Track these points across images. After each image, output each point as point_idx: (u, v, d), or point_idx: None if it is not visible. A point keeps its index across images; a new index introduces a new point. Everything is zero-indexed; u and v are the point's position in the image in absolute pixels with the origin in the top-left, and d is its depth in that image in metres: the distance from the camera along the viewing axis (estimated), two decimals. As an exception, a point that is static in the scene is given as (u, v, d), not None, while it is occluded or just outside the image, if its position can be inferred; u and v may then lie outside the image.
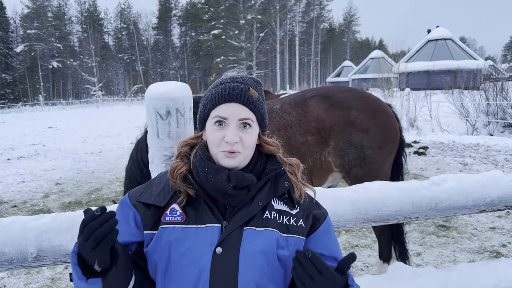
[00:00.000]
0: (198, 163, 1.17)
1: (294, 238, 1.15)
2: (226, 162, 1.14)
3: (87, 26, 68.30)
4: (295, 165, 1.26)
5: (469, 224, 4.84)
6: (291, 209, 1.18)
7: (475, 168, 7.94)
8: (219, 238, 1.09)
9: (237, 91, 1.15)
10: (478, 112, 13.00)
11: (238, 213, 1.12)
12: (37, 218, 1.64)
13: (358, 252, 4.09)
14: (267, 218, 1.14)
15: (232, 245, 1.09)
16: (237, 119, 1.15)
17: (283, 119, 2.99)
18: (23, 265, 1.59)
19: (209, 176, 1.13)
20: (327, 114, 2.94)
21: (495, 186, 2.01)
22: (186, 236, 1.10)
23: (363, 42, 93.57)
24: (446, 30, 26.73)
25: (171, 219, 1.13)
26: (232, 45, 49.62)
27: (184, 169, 1.18)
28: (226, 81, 1.20)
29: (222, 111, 1.15)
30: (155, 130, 1.75)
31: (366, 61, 38.47)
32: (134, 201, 1.19)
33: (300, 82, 58.17)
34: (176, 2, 76.31)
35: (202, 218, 1.12)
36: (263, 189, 1.17)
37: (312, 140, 2.93)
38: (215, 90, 1.18)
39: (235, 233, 1.10)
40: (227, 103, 1.15)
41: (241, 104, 1.16)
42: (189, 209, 1.15)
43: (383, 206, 1.87)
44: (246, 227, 1.12)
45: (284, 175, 1.20)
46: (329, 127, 2.92)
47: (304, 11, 73.80)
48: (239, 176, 1.13)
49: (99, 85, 51.90)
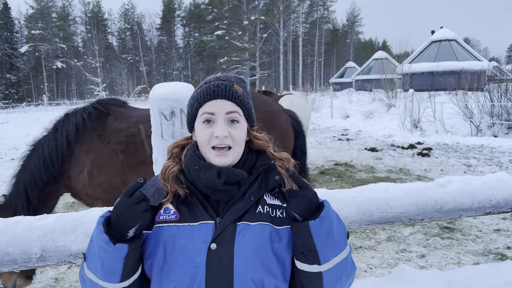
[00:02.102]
0: (189, 162, 1.19)
1: (288, 229, 1.17)
2: (218, 160, 1.16)
3: (91, 27, 68.57)
4: (286, 159, 1.27)
5: (474, 226, 4.81)
6: (283, 202, 1.20)
7: (479, 169, 7.90)
8: (213, 234, 1.10)
9: (221, 87, 1.18)
10: (482, 114, 12.94)
11: (230, 209, 1.13)
12: (41, 218, 1.64)
13: (362, 254, 4.08)
14: (260, 213, 1.15)
15: (226, 241, 1.10)
16: (224, 112, 1.16)
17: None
18: (27, 265, 1.59)
19: (200, 173, 1.15)
20: None
21: (501, 188, 1.99)
22: (181, 234, 1.11)
23: (366, 43, 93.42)
24: (450, 31, 26.61)
25: (165, 218, 1.15)
26: (236, 46, 49.63)
27: (175, 169, 1.20)
28: (210, 80, 1.22)
29: (209, 107, 1.17)
30: (159, 131, 1.75)
31: (370, 62, 38.34)
32: None
33: (304, 83, 58.11)
34: (180, 3, 76.47)
35: (195, 215, 1.14)
36: (254, 183, 1.18)
37: None
38: (200, 89, 1.21)
39: (228, 229, 1.11)
40: (213, 100, 1.17)
41: (227, 100, 1.17)
42: (183, 207, 1.16)
43: (388, 208, 1.85)
44: (239, 222, 1.13)
45: (274, 169, 1.22)
46: None
47: (308, 12, 73.75)
48: (229, 172, 1.14)
49: (103, 86, 51.96)
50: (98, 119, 3.09)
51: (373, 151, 10.44)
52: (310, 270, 1.10)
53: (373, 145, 11.49)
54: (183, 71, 72.11)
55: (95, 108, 3.13)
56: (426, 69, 24.05)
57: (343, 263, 1.12)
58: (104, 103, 3.22)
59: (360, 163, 8.84)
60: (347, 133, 14.49)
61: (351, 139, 12.88)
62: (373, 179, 7.32)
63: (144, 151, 2.98)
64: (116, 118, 3.12)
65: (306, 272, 1.11)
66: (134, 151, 2.98)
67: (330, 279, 1.11)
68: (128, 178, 2.97)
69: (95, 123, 3.06)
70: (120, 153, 2.97)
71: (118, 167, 2.96)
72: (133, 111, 3.26)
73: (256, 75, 52.58)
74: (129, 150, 2.97)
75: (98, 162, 2.95)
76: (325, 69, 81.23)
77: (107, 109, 3.17)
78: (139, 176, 1.20)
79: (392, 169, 8.19)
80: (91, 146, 2.98)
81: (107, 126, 3.05)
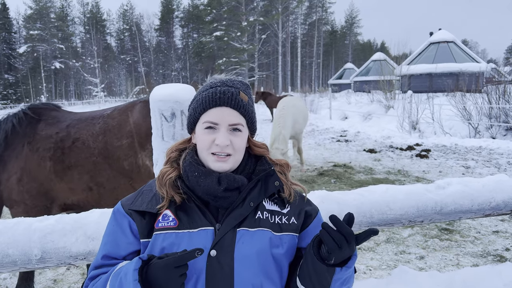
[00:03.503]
0: (187, 168, 1.17)
1: (288, 235, 1.17)
2: (218, 166, 1.15)
3: (89, 27, 68.50)
4: (284, 165, 1.27)
5: (472, 227, 4.82)
6: (282, 208, 1.20)
7: (477, 171, 7.91)
8: (212, 241, 1.10)
9: (227, 95, 1.15)
10: (481, 115, 12.97)
11: (230, 215, 1.13)
12: (42, 220, 1.64)
13: (361, 255, 4.08)
14: (259, 219, 1.15)
15: (226, 247, 1.09)
16: (228, 124, 1.15)
17: (105, 124, 3.05)
18: (27, 267, 1.59)
19: (199, 180, 1.13)
20: (145, 119, 2.99)
21: (501, 190, 2.00)
22: (180, 241, 1.10)
23: (365, 45, 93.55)
24: (448, 33, 26.69)
25: (164, 225, 1.13)
26: (234, 47, 49.65)
27: (173, 175, 1.18)
28: (216, 84, 1.19)
29: (212, 116, 1.15)
30: (159, 133, 1.75)
31: (368, 64, 38.41)
32: (127, 209, 1.18)
33: (302, 84, 58.20)
34: (179, 4, 76.49)
35: (195, 222, 1.13)
36: (254, 189, 1.18)
37: (127, 143, 2.98)
38: (206, 93, 1.18)
39: (228, 235, 1.11)
40: (218, 107, 1.15)
41: (232, 108, 1.15)
42: (182, 214, 1.14)
43: (388, 210, 1.86)
44: (239, 229, 1.12)
45: (274, 175, 1.21)
46: (145, 132, 2.96)
47: (306, 13, 73.89)
48: (229, 178, 1.13)
49: (101, 86, 51.92)
50: (29, 125, 3.06)
51: (371, 152, 10.45)
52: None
53: (372, 146, 11.50)
54: (181, 72, 72.09)
55: (26, 114, 3.09)
56: (424, 70, 24.11)
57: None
58: (36, 108, 3.19)
59: (359, 165, 8.85)
60: (346, 135, 14.50)
61: (349, 141, 12.89)
62: (372, 180, 7.32)
63: (71, 156, 2.98)
64: (47, 124, 3.09)
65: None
66: (61, 156, 2.97)
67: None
68: (56, 184, 2.96)
69: (25, 130, 3.04)
70: (48, 159, 2.96)
71: (47, 174, 2.95)
72: (67, 115, 3.23)
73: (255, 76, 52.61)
74: (56, 156, 2.96)
75: (27, 169, 2.94)
76: (323, 71, 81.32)
77: (38, 115, 3.13)
78: (66, 182, 1.17)
79: (391, 170, 8.20)
80: (21, 153, 2.97)
81: (36, 133, 3.03)
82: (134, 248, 1.16)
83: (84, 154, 2.97)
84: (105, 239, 1.19)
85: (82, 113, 3.29)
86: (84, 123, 3.09)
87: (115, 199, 3.04)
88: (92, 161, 2.96)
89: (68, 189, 2.99)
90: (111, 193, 3.04)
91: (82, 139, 3.00)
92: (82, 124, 3.08)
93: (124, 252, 1.15)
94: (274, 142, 6.63)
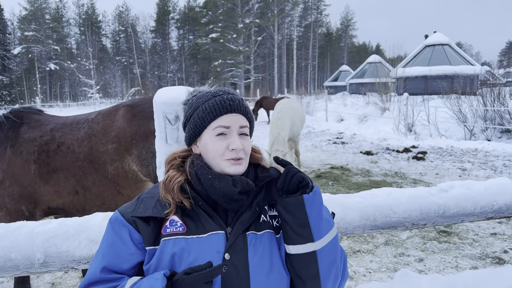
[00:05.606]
0: (199, 171, 1.16)
1: None
2: (234, 169, 1.16)
3: (85, 29, 68.30)
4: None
5: (470, 229, 4.84)
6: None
7: (474, 173, 7.96)
8: (225, 244, 1.10)
9: (236, 102, 1.20)
10: (476, 118, 13.05)
11: (240, 219, 1.14)
12: (44, 224, 1.62)
13: (360, 258, 4.08)
14: (264, 222, 1.18)
15: (239, 251, 1.10)
16: (239, 126, 1.18)
17: (90, 129, 3.03)
18: (30, 271, 1.57)
19: (214, 183, 1.13)
20: (129, 124, 2.97)
21: (503, 193, 2.01)
22: (191, 247, 1.09)
23: (360, 47, 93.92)
24: (443, 36, 26.81)
25: (172, 231, 1.11)
26: (230, 49, 49.67)
27: (182, 178, 1.17)
28: (218, 93, 1.22)
29: (224, 120, 1.18)
30: (163, 135, 1.74)
31: (364, 66, 38.50)
32: (129, 217, 1.15)
33: (298, 86, 58.26)
34: (174, 6, 76.37)
35: (203, 227, 1.12)
36: (259, 194, 1.20)
37: (112, 148, 2.95)
38: (213, 102, 1.19)
39: (240, 239, 1.11)
40: (229, 113, 1.18)
41: (241, 114, 1.21)
42: (187, 219, 1.13)
43: (392, 213, 1.86)
44: (247, 232, 1.13)
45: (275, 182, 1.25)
46: (130, 137, 2.94)
47: (302, 15, 74.12)
48: (243, 181, 1.15)
49: (97, 88, 51.63)
50: (11, 129, 3.04)
51: (368, 154, 10.48)
52: (304, 251, 1.10)
53: (368, 148, 11.54)
54: (177, 74, 71.94)
55: (7, 118, 3.08)
56: (419, 73, 24.21)
57: (334, 242, 1.15)
58: (17, 112, 3.17)
59: (356, 167, 8.87)
60: (342, 137, 14.53)
61: (346, 143, 12.92)
62: (369, 182, 7.34)
63: (56, 159, 2.96)
64: (30, 127, 3.07)
65: (300, 255, 1.11)
66: (47, 160, 2.95)
67: (324, 261, 1.11)
68: (41, 187, 2.94)
69: (7, 133, 3.02)
70: (32, 163, 2.93)
71: (31, 177, 2.93)
72: (50, 119, 3.22)
73: (251, 78, 52.66)
74: (41, 159, 2.94)
75: (10, 172, 2.92)
76: (319, 73, 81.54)
77: (20, 118, 3.11)
78: (51, 185, 1.15)
79: (388, 172, 8.22)
80: (3, 156, 2.95)
81: (19, 136, 3.01)
82: (137, 259, 1.13)
83: (70, 158, 2.94)
84: (102, 251, 1.14)
85: (66, 117, 3.26)
86: (68, 127, 3.06)
87: (101, 204, 3.03)
88: (78, 165, 2.94)
89: (53, 192, 2.96)
90: (97, 198, 3.02)
91: (67, 144, 2.97)
92: (66, 129, 3.05)
93: (126, 265, 1.11)
94: (273, 143, 6.62)
